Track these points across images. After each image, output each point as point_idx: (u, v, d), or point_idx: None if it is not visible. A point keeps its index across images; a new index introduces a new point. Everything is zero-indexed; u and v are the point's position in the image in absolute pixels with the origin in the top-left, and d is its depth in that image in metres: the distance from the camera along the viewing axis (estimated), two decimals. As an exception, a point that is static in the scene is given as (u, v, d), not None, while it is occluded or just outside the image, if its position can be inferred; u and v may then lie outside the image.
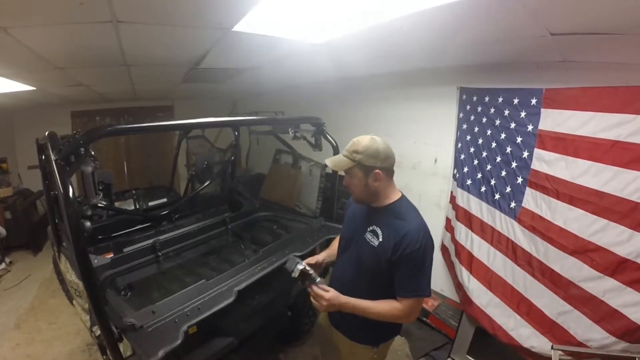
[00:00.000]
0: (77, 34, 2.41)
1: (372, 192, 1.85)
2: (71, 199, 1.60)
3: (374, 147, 1.79)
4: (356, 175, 1.83)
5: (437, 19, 2.11)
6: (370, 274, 1.89)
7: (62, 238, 3.09)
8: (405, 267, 1.75)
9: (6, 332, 4.23)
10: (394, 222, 1.81)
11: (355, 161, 1.79)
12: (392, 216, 1.84)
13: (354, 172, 1.83)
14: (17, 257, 6.34)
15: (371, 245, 1.85)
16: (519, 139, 2.91)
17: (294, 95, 6.53)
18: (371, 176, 1.80)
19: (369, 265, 1.87)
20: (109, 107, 7.86)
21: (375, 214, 1.91)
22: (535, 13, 1.91)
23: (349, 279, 1.99)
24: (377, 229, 1.85)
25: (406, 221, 1.79)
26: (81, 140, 1.75)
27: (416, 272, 1.76)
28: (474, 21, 2.13)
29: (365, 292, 1.87)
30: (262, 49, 3.08)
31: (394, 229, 1.78)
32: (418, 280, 1.77)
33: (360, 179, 1.82)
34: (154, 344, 1.80)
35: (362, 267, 1.92)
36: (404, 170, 4.35)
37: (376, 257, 1.82)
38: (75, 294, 2.94)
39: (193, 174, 4.78)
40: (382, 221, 1.86)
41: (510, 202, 2.97)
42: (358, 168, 1.80)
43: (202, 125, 3.26)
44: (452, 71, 3.55)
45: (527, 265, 2.75)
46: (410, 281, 1.77)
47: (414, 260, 1.74)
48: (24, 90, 4.48)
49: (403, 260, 1.74)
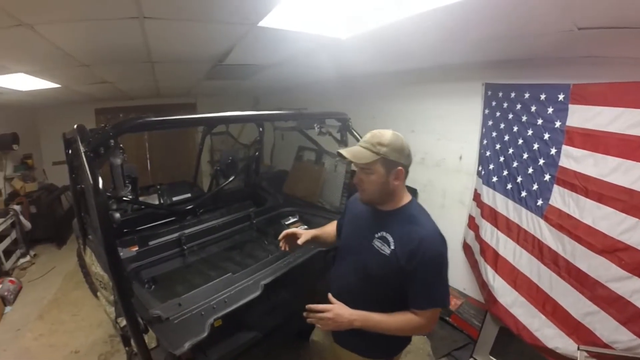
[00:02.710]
0: (103, 31, 2.46)
1: (389, 192, 1.72)
2: (101, 190, 1.62)
3: (399, 141, 1.66)
4: (377, 171, 1.66)
5: (463, 13, 2.10)
6: (378, 285, 1.76)
7: (88, 231, 3.21)
8: (422, 277, 1.63)
9: (29, 323, 4.42)
10: (407, 227, 1.67)
11: (379, 154, 1.63)
12: (404, 221, 1.71)
13: (374, 168, 1.66)
14: (42, 250, 6.60)
15: (382, 253, 1.70)
16: (546, 136, 2.89)
17: (316, 92, 6.58)
18: (393, 173, 1.66)
19: (378, 276, 1.73)
20: (132, 105, 8.09)
21: (384, 218, 1.77)
22: (564, 7, 1.90)
23: (353, 291, 1.84)
24: (388, 235, 1.71)
25: (420, 226, 1.67)
26: (111, 132, 1.79)
27: (435, 281, 1.65)
28: (500, 15, 2.13)
29: (372, 305, 1.74)
30: (286, 44, 3.10)
31: (407, 235, 1.65)
32: (437, 289, 1.67)
33: (381, 175, 1.66)
34: (180, 336, 1.82)
35: (369, 278, 1.77)
36: (428, 168, 4.38)
37: (387, 266, 1.68)
38: (100, 286, 3.05)
39: (218, 170, 4.86)
40: (392, 226, 1.72)
41: (537, 199, 2.96)
42: (381, 163, 1.64)
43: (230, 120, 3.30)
44: (477, 67, 3.54)
45: (553, 264, 2.75)
46: (428, 291, 1.65)
47: (432, 268, 1.63)
48: (49, 87, 4.62)
49: (420, 270, 1.61)
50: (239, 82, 6.01)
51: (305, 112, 2.88)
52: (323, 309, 1.71)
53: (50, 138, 7.75)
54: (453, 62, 3.67)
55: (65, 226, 6.79)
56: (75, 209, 3.37)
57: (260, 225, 4.02)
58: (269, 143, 5.32)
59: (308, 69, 4.71)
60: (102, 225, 1.65)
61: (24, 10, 1.92)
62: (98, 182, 1.62)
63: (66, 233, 6.94)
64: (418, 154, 4.50)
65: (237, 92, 8.29)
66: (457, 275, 4.00)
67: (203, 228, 3.74)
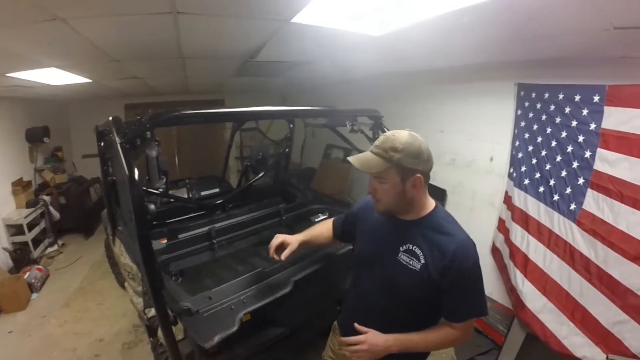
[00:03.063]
0: (136, 26, 2.50)
1: (407, 202, 1.58)
2: (136, 182, 1.63)
3: (415, 144, 1.50)
4: (391, 180, 1.53)
5: (496, 11, 2.08)
6: (409, 303, 1.64)
7: (118, 222, 3.30)
8: (459, 289, 1.54)
9: (55, 310, 4.60)
10: (437, 237, 1.55)
11: (392, 161, 1.49)
12: (431, 230, 1.58)
13: (388, 176, 1.53)
14: (70, 240, 6.88)
15: (411, 269, 1.57)
16: (580, 138, 2.83)
17: (344, 91, 6.61)
18: (410, 181, 1.51)
19: (408, 293, 1.61)
20: (161, 100, 8.30)
21: (408, 229, 1.63)
22: (599, 6, 1.86)
23: (379, 310, 1.72)
24: (416, 248, 1.58)
25: (451, 235, 1.54)
26: (147, 124, 1.80)
27: (473, 291, 1.56)
28: (534, 14, 2.10)
29: (403, 324, 1.65)
30: (319, 41, 3.09)
31: (438, 247, 1.53)
32: (476, 299, 1.58)
33: (396, 184, 1.53)
34: (210, 329, 1.83)
35: (398, 296, 1.64)
36: (458, 168, 4.33)
37: (419, 282, 1.56)
38: (129, 277, 3.14)
39: (248, 165, 4.92)
40: (419, 238, 1.58)
41: (570, 203, 2.90)
42: (395, 170, 1.50)
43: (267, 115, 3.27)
44: (509, 66, 3.49)
45: (584, 271, 2.68)
46: (466, 303, 1.57)
47: (469, 279, 1.53)
48: (80, 82, 4.76)
49: (457, 282, 1.52)
50: (267, 80, 6.08)
51: (338, 109, 2.86)
52: (356, 341, 1.62)
53: (80, 132, 8.17)
54: (484, 60, 3.62)
55: (93, 217, 7.11)
56: (106, 201, 3.47)
57: (290, 221, 4.07)
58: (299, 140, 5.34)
59: (340, 66, 4.71)
60: (137, 216, 1.65)
61: (59, 5, 1.97)
62: (134, 173, 1.62)
63: (94, 224, 7.23)
64: (448, 155, 4.48)
65: (264, 90, 8.41)
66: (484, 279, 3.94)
67: (233, 223, 3.80)
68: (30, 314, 4.56)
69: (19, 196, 6.01)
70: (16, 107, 6.19)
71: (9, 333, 4.18)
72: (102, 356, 3.76)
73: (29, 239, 5.67)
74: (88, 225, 7.10)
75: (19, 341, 4.03)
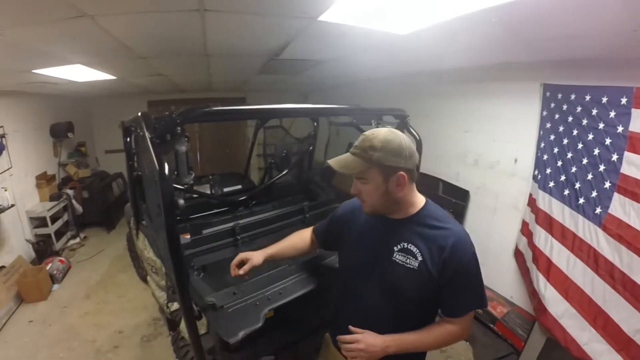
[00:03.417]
0: (163, 23, 2.51)
1: (393, 201, 1.54)
2: (166, 176, 1.63)
3: (395, 141, 1.46)
4: (373, 180, 1.50)
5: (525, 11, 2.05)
6: (408, 302, 1.59)
7: (142, 217, 3.36)
8: (459, 282, 1.50)
9: (76, 301, 4.74)
10: (432, 233, 1.52)
11: (372, 161, 1.46)
12: (425, 226, 1.55)
13: (370, 176, 1.50)
14: (92, 233, 7.08)
15: (409, 267, 1.52)
16: (607, 141, 2.79)
17: (366, 89, 6.63)
18: (393, 180, 1.48)
19: (410, 293, 1.56)
20: (184, 98, 8.46)
21: (400, 228, 1.59)
22: (625, 5, 1.82)
23: (379, 312, 1.66)
24: (411, 246, 1.54)
25: (447, 229, 1.52)
26: (178, 120, 1.83)
27: (473, 284, 1.53)
28: (560, 13, 2.07)
29: (401, 323, 1.61)
30: (344, 40, 3.07)
31: (435, 242, 1.50)
32: (476, 291, 1.55)
33: (379, 184, 1.50)
34: (235, 325, 1.83)
35: (399, 295, 1.58)
36: (481, 170, 4.31)
37: (419, 280, 1.52)
38: (152, 271, 3.21)
39: (272, 163, 4.96)
40: (413, 235, 1.55)
41: (596, 207, 2.86)
42: (376, 170, 1.48)
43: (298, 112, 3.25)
44: (535, 66, 3.46)
45: (608, 276, 2.65)
46: (468, 295, 1.54)
47: (470, 271, 1.51)
48: (105, 79, 4.86)
49: (456, 276, 1.48)
50: (290, 78, 6.09)
51: (364, 107, 2.86)
52: (352, 339, 1.58)
53: (103, 128, 8.47)
54: (510, 60, 3.59)
55: (115, 211, 7.37)
56: (131, 195, 3.54)
57: (313, 219, 4.07)
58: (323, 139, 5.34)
59: (363, 65, 4.70)
60: (167, 211, 1.66)
61: (87, 2, 1.99)
62: (164, 168, 1.62)
63: (116, 218, 7.46)
64: (471, 155, 4.47)
65: (286, 88, 8.46)
66: (505, 282, 3.94)
67: (257, 219, 3.84)
68: (52, 304, 4.70)
69: (42, 189, 6.20)
70: (41, 103, 6.38)
71: (29, 322, 4.31)
72: (121, 348, 3.85)
73: (51, 231, 5.86)
74: (110, 219, 7.28)
75: (40, 330, 4.16)
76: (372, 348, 1.54)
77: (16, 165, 5.46)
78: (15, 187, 5.42)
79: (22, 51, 2.89)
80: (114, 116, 5.30)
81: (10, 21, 2.19)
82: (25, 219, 5.67)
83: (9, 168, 5.29)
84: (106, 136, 8.37)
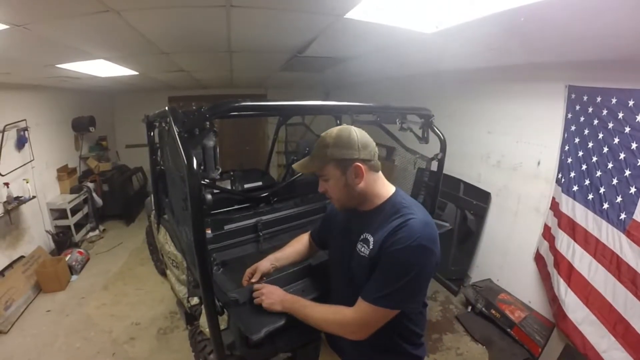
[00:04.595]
0: (188, 18, 2.56)
1: (357, 193, 1.56)
2: (195, 171, 1.64)
3: (345, 134, 1.52)
4: (332, 175, 1.55)
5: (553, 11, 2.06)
6: None
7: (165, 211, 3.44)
8: (379, 267, 1.45)
9: (94, 292, 4.90)
10: (390, 220, 1.48)
11: (326, 157, 1.52)
12: (387, 215, 1.52)
13: (328, 172, 1.55)
14: (111, 226, 7.28)
15: (362, 256, 1.53)
16: (634, 145, 2.79)
17: (387, 88, 6.68)
18: (350, 172, 1.51)
19: (361, 282, 1.52)
20: (204, 94, 8.57)
21: (365, 219, 1.60)
22: None
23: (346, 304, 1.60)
24: (368, 235, 1.53)
25: (402, 215, 1.46)
26: (207, 114, 1.83)
27: (389, 275, 1.41)
28: (586, 13, 2.08)
29: None
30: (370, 38, 3.10)
31: (388, 228, 1.45)
32: (384, 284, 1.42)
33: (338, 178, 1.54)
34: (258, 322, 1.80)
35: (357, 287, 1.53)
36: (503, 171, 4.33)
37: (368, 269, 1.50)
38: (172, 265, 3.28)
39: (294, 159, 5.01)
40: (374, 225, 1.54)
41: (620, 213, 2.86)
42: (332, 165, 1.53)
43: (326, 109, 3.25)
44: (559, 67, 3.45)
45: (630, 283, 2.66)
46: (374, 284, 1.45)
47: (393, 259, 1.40)
48: (127, 74, 4.99)
49: (381, 259, 1.43)
50: (312, 75, 6.16)
51: (389, 106, 2.88)
52: (258, 286, 1.82)
53: (124, 122, 8.72)
54: (535, 60, 3.59)
55: (135, 205, 7.54)
56: (153, 189, 3.62)
57: None
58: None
59: (388, 63, 4.73)
60: (194, 206, 1.67)
61: None
62: (192, 162, 1.64)
63: (135, 211, 7.65)
64: (494, 156, 4.48)
65: (307, 85, 8.53)
66: (524, 286, 3.97)
67: (279, 216, 3.91)
68: (70, 294, 4.86)
69: (63, 182, 6.42)
70: (64, 97, 6.61)
71: (47, 312, 4.48)
72: (137, 339, 3.96)
73: (71, 223, 6.06)
74: (129, 212, 7.49)
75: (57, 320, 4.32)
76: (271, 295, 1.74)
77: (38, 158, 5.65)
78: (37, 179, 5.62)
79: (47, 45, 2.97)
80: (135, 111, 5.44)
81: (37, 15, 2.26)
82: (46, 211, 5.88)
83: (30, 160, 5.48)
84: (127, 131, 8.59)
